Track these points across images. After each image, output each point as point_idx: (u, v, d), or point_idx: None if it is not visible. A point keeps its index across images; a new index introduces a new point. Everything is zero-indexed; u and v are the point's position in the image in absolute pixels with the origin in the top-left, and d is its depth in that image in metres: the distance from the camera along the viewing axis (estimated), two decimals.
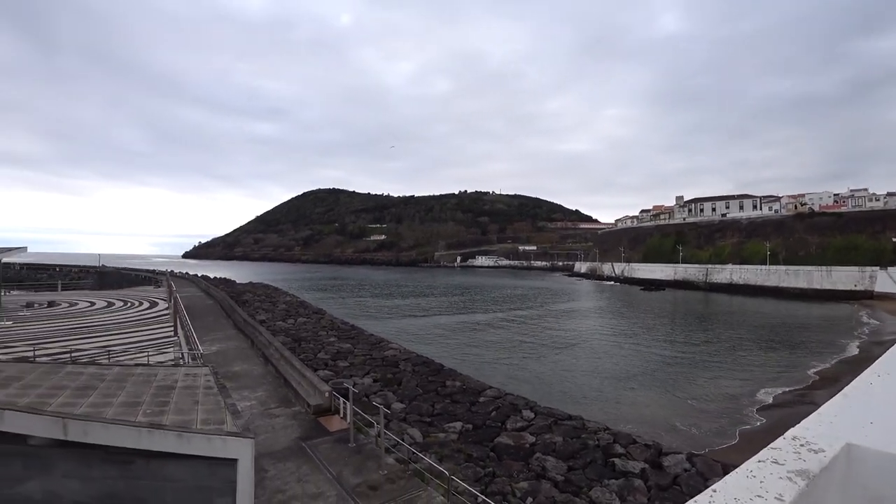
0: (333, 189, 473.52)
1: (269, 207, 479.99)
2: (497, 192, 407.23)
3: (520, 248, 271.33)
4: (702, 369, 31.96)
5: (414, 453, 14.21)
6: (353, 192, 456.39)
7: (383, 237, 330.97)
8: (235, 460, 9.45)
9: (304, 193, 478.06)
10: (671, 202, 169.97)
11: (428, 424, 19.24)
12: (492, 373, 30.30)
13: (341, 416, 17.66)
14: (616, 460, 15.84)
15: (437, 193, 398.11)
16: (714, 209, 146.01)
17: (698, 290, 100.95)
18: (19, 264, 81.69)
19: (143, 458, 9.85)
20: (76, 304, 35.94)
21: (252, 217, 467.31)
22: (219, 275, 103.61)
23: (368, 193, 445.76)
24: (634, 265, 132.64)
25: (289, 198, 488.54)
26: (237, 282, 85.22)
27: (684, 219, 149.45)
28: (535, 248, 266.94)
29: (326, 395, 18.18)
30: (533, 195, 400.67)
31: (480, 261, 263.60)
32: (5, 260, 33.15)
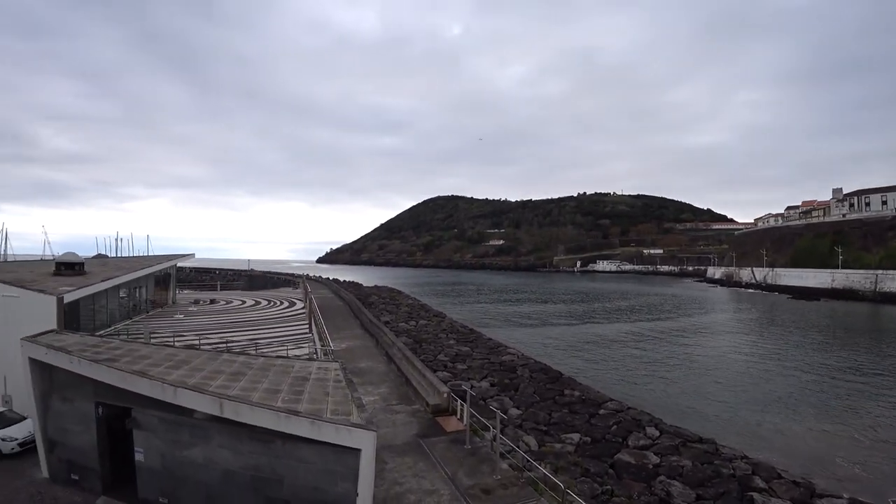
0: (452, 196, 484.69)
1: (393, 215, 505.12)
2: (618, 192, 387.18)
3: (644, 251, 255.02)
4: (871, 399, 27.29)
5: (528, 461, 14.10)
6: (472, 197, 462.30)
7: (501, 242, 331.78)
8: (359, 450, 10.23)
9: (425, 201, 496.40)
10: (825, 196, 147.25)
11: (544, 433, 18.95)
12: (614, 384, 28.94)
13: (458, 417, 18.07)
14: (755, 495, 14.19)
15: (554, 196, 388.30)
16: (885, 202, 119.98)
17: (864, 301, 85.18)
18: (189, 268, 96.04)
19: (281, 440, 11.06)
20: (231, 301, 41.17)
21: (377, 225, 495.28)
22: (347, 278, 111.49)
23: (486, 199, 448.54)
24: (780, 270, 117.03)
25: (410, 206, 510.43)
26: (364, 285, 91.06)
27: (844, 215, 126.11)
28: (661, 251, 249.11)
29: (445, 395, 18.72)
30: (658, 194, 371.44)
31: (602, 265, 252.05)
32: (179, 264, 39.01)
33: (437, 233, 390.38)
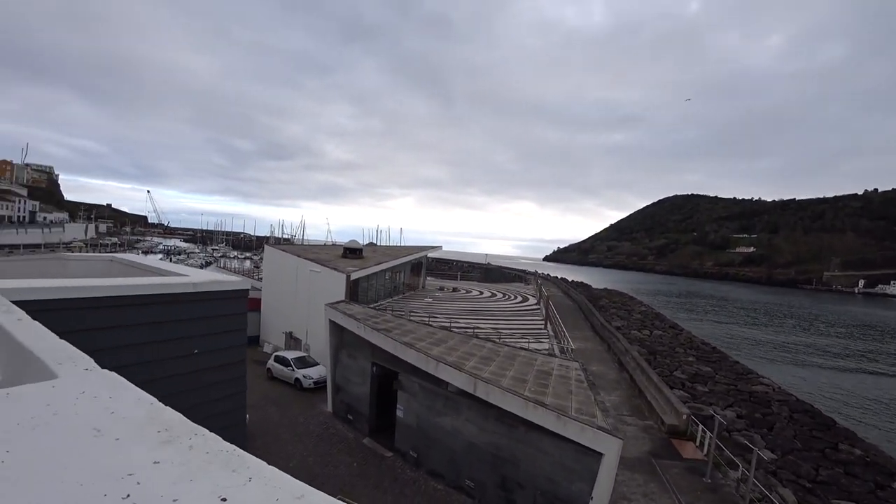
0: (691, 195, 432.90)
1: (624, 216, 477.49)
2: None
3: None
4: None
5: None
6: (715, 196, 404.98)
7: (752, 249, 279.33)
8: (601, 454, 10.27)
9: (660, 201, 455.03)
10: None
11: (807, 490, 16.03)
12: None
13: (697, 444, 16.57)
14: None
15: (828, 195, 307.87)
16: None
17: None
18: (431, 258, 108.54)
19: (525, 427, 11.77)
20: (470, 291, 45.01)
21: (606, 225, 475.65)
22: (575, 278, 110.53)
23: (733, 198, 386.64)
24: None
25: (643, 205, 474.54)
26: (592, 286, 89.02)
27: None
28: None
29: (684, 417, 17.35)
30: None
31: None
32: (429, 255, 44.31)
33: (672, 235, 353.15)
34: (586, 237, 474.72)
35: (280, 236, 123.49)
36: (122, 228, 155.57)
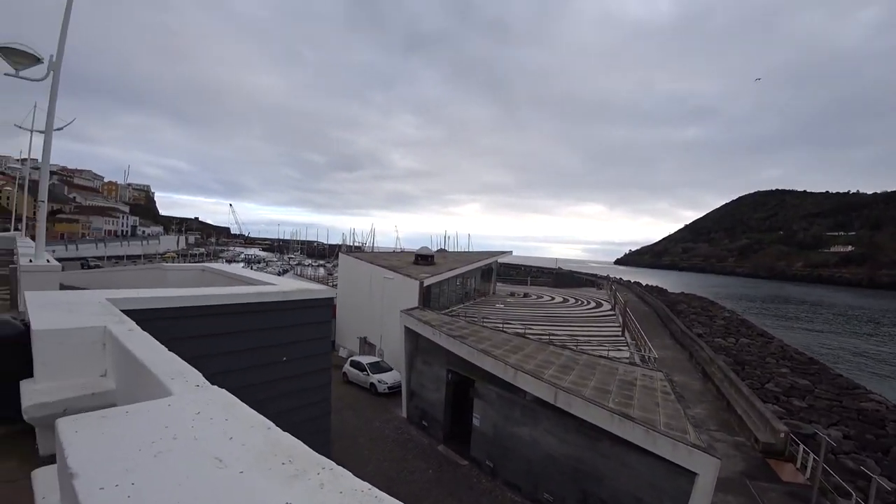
0: (775, 190, 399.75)
1: (699, 215, 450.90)
2: None
3: None
4: None
5: None
6: (804, 191, 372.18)
7: (850, 248, 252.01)
8: (695, 474, 9.61)
9: (739, 198, 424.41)
10: None
11: None
12: None
13: (798, 466, 15.24)
14: None
15: None
16: None
17: None
18: (501, 264, 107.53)
19: (609, 440, 11.26)
20: (542, 297, 44.16)
21: (681, 226, 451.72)
22: (649, 282, 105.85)
23: (826, 192, 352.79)
24: None
25: (720, 204, 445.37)
26: (668, 291, 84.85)
27: None
28: None
29: (781, 435, 16.01)
30: None
31: None
32: (499, 261, 43.93)
33: (754, 235, 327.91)
34: (659, 239, 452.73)
35: (351, 244, 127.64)
36: (207, 239, 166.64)
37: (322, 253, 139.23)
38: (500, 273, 54.37)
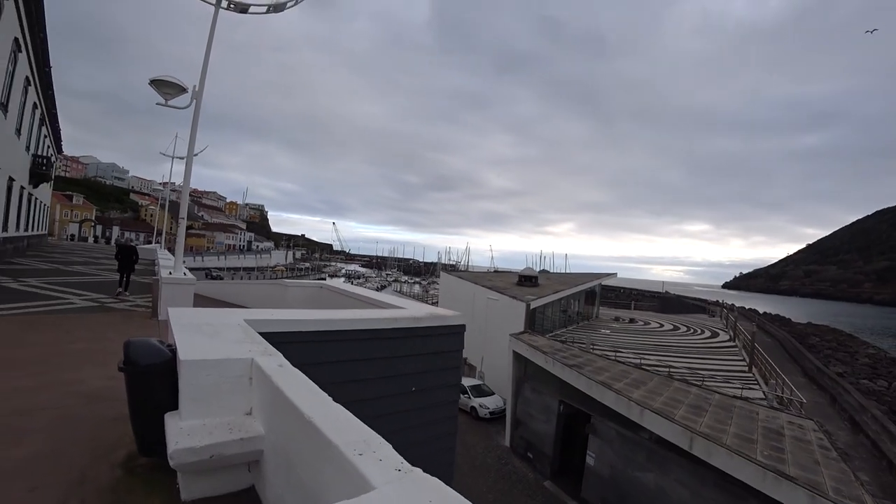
0: None
1: (824, 233, 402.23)
2: None
3: None
4: None
5: None
6: None
7: None
8: None
9: (876, 213, 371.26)
10: None
11: None
12: None
13: None
14: None
15: None
16: None
17: None
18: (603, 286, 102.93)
19: (758, 501, 9.64)
20: (648, 323, 40.98)
21: (801, 245, 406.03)
22: (765, 309, 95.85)
23: None
24: None
25: (851, 220, 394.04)
26: (793, 320, 76.18)
27: None
28: None
29: None
30: None
31: None
32: (602, 283, 41.54)
33: None
34: (775, 260, 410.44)
35: (446, 262, 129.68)
36: (312, 255, 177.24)
37: (418, 270, 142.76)
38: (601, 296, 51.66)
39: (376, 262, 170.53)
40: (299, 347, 4.69)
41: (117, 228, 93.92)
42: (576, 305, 34.42)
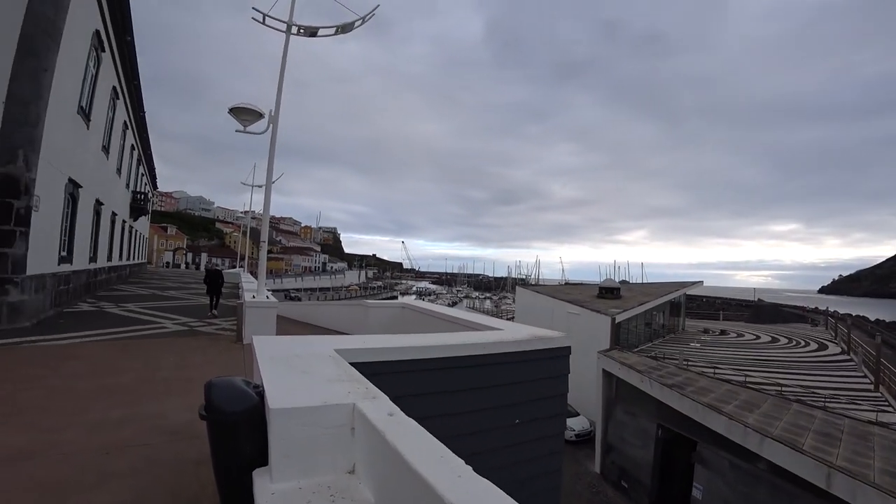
0: None
1: None
2: None
3: None
4: None
5: None
6: None
7: None
8: None
9: None
10: None
11: None
12: None
13: None
14: None
15: None
16: None
17: None
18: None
19: None
20: (742, 334, 37.60)
21: None
22: (877, 316, 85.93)
23: None
24: None
25: None
26: None
27: None
28: None
29: None
30: None
31: None
32: (687, 293, 38.69)
33: None
34: (882, 259, 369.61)
35: (516, 277, 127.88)
36: (383, 273, 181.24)
37: (488, 286, 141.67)
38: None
39: (446, 279, 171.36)
40: (393, 378, 4.21)
41: (205, 255, 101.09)
42: (660, 318, 32.22)
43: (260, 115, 10.01)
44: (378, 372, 3.87)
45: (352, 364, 3.68)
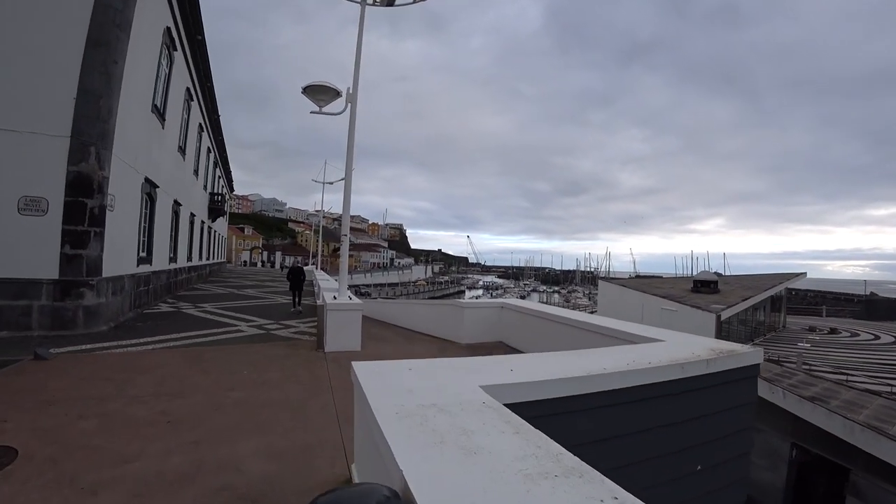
0: None
1: None
2: None
3: None
4: None
5: None
6: None
7: None
8: None
9: None
10: None
11: None
12: None
13: None
14: None
15: None
16: None
17: None
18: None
19: None
20: (857, 334, 33.20)
21: None
22: None
23: None
24: None
25: None
26: None
27: None
28: None
29: None
30: None
31: None
32: (788, 285, 34.77)
33: None
34: None
35: (585, 269, 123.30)
36: (449, 268, 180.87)
37: (555, 279, 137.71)
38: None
39: (513, 273, 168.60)
40: (563, 422, 2.92)
41: (279, 254, 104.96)
42: (761, 313, 28.94)
43: (337, 94, 9.02)
44: (541, 414, 2.60)
45: (506, 405, 2.43)
